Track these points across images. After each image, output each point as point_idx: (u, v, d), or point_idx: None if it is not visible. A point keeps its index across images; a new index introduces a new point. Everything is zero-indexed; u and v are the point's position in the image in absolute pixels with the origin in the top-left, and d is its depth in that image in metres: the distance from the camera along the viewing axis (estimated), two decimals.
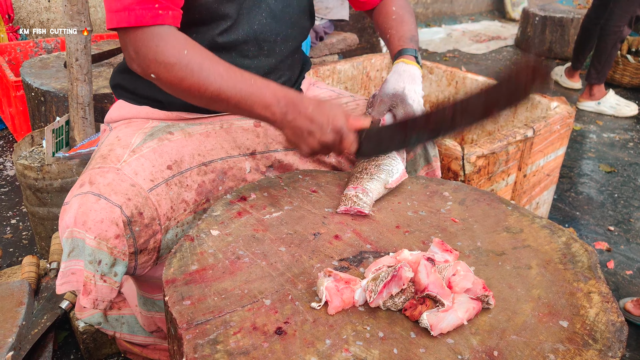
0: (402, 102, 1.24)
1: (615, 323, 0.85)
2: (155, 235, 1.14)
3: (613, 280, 2.08)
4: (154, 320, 1.38)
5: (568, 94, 4.17)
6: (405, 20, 1.42)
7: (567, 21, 4.93)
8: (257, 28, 1.27)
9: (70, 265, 1.07)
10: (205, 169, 1.26)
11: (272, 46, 1.32)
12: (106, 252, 1.06)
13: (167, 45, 1.05)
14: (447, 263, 0.91)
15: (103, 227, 1.04)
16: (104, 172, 1.10)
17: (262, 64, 1.32)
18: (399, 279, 0.84)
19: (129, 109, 1.33)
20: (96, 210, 1.04)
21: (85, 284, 1.07)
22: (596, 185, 2.83)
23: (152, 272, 1.21)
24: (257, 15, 1.26)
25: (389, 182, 1.15)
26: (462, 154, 1.62)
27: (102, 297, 1.10)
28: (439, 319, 0.81)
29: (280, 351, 0.78)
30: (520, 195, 1.94)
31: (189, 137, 1.27)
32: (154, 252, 1.16)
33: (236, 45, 1.26)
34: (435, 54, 5.08)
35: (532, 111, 2.11)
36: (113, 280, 1.09)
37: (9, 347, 1.09)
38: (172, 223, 1.18)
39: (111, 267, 1.08)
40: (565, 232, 1.09)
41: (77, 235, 1.05)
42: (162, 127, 1.27)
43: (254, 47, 1.29)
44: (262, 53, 1.31)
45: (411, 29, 1.40)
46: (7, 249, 2.12)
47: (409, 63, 1.30)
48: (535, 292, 0.92)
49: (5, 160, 2.82)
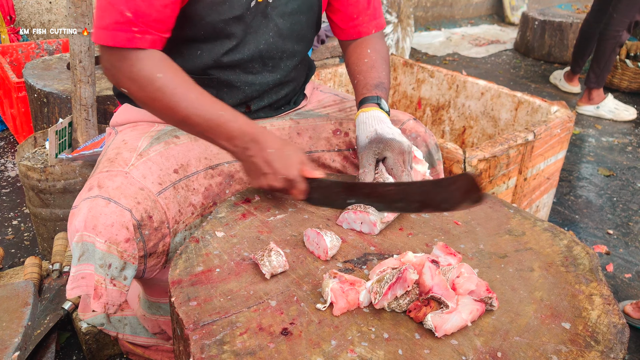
0: (382, 143, 1.17)
1: (617, 325, 0.86)
2: (164, 238, 1.14)
3: (612, 283, 2.09)
4: (158, 323, 1.39)
5: (567, 98, 4.19)
6: (376, 65, 1.34)
7: (566, 25, 4.95)
8: (263, 47, 1.27)
9: (81, 270, 1.07)
10: (212, 172, 1.27)
11: (277, 62, 1.32)
12: (116, 255, 1.06)
13: (142, 66, 1.07)
14: (450, 266, 0.92)
15: (113, 231, 1.04)
16: (112, 175, 1.11)
17: (266, 80, 1.32)
18: (403, 280, 0.85)
19: (135, 113, 1.33)
20: (106, 214, 1.04)
21: (96, 288, 1.07)
22: (595, 189, 2.85)
23: (160, 275, 1.21)
24: (264, 35, 1.26)
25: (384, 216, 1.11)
26: (464, 157, 1.63)
27: (112, 301, 1.10)
28: (443, 320, 0.82)
29: (287, 352, 0.78)
30: (520, 198, 1.95)
31: (195, 140, 1.28)
32: (163, 255, 1.16)
33: (240, 64, 1.27)
34: (435, 58, 5.10)
35: (532, 115, 2.12)
36: (122, 284, 1.10)
37: (15, 347, 1.09)
38: (181, 226, 1.19)
39: (121, 270, 1.08)
40: (567, 235, 1.10)
41: (87, 239, 1.05)
42: (168, 131, 1.28)
43: (258, 64, 1.29)
44: (266, 69, 1.31)
45: (380, 75, 1.32)
46: (8, 250, 2.12)
47: (368, 110, 1.23)
48: (538, 294, 0.93)
49: (6, 162, 2.83)
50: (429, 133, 1.43)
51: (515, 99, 2.17)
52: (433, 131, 2.54)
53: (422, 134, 1.41)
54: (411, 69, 2.52)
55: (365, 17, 1.40)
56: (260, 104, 1.36)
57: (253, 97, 1.33)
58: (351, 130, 1.42)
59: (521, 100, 2.15)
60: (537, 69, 4.91)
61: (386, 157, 1.16)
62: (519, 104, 2.16)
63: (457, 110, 2.41)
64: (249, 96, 1.32)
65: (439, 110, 2.49)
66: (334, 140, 1.41)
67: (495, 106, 2.26)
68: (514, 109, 2.19)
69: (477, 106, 2.32)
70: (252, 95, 1.32)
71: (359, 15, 1.39)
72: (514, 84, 4.46)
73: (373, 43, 1.40)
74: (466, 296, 0.87)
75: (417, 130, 1.40)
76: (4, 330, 1.15)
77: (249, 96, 1.32)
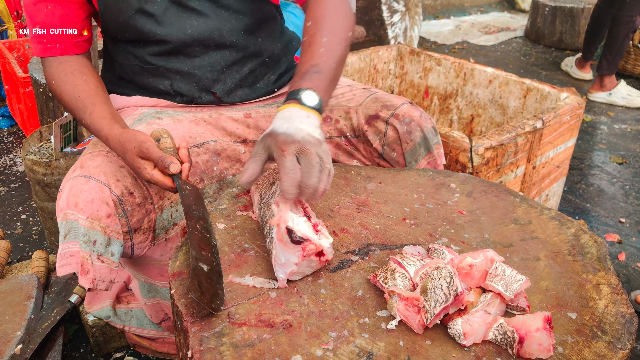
0: (271, 136, 0.94)
1: (625, 315, 0.84)
2: (149, 214, 1.16)
3: (624, 272, 2.06)
4: (161, 307, 1.39)
5: (579, 85, 4.12)
6: (312, 42, 1.09)
7: (577, 11, 4.86)
8: (191, 32, 1.24)
9: (67, 247, 1.09)
10: (198, 150, 1.27)
11: (219, 41, 1.27)
12: (99, 231, 1.08)
13: (47, 73, 1.26)
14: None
15: (94, 206, 1.07)
16: (94, 155, 1.15)
17: (215, 58, 1.29)
18: (459, 302, 0.80)
19: (120, 100, 1.37)
20: (86, 191, 1.07)
21: (82, 264, 1.09)
22: (607, 177, 2.80)
23: (150, 252, 1.23)
24: (185, 21, 1.24)
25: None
26: (470, 146, 1.60)
27: (101, 277, 1.11)
28: (474, 330, 0.79)
29: (286, 343, 0.77)
30: (529, 187, 1.92)
31: (178, 122, 1.30)
32: (149, 231, 1.18)
33: (176, 51, 1.27)
34: (444, 46, 5.04)
35: (541, 102, 2.09)
36: (110, 260, 1.12)
37: (18, 341, 1.10)
38: (166, 203, 1.20)
39: (106, 246, 1.10)
40: (575, 224, 1.07)
41: (70, 217, 1.07)
42: (151, 113, 1.31)
43: (198, 47, 1.27)
44: (210, 50, 1.28)
45: (314, 55, 1.06)
46: (17, 243, 2.14)
47: (284, 108, 0.99)
48: (544, 283, 0.91)
49: (15, 156, 2.84)
50: (425, 116, 1.34)
51: (524, 86, 2.13)
52: (441, 120, 2.51)
53: (417, 119, 1.33)
54: (418, 57, 2.49)
55: None
56: (224, 87, 1.33)
57: (211, 79, 1.31)
58: (342, 118, 1.39)
59: (530, 88, 2.11)
60: (548, 56, 4.84)
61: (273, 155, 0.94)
62: (528, 91, 2.12)
63: (465, 99, 2.38)
64: (206, 79, 1.30)
65: (446, 99, 2.46)
66: (324, 128, 1.39)
67: (504, 94, 2.22)
68: (523, 96, 2.15)
69: (485, 94, 2.29)
70: (208, 77, 1.30)
71: None
72: (525, 71, 4.40)
73: (316, 8, 1.15)
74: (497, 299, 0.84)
75: (411, 115, 1.33)
76: (7, 324, 1.15)
77: (205, 79, 1.30)
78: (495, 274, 0.83)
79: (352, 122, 1.38)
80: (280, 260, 0.88)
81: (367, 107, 1.37)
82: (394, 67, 2.56)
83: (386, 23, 3.77)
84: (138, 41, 1.27)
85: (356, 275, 0.92)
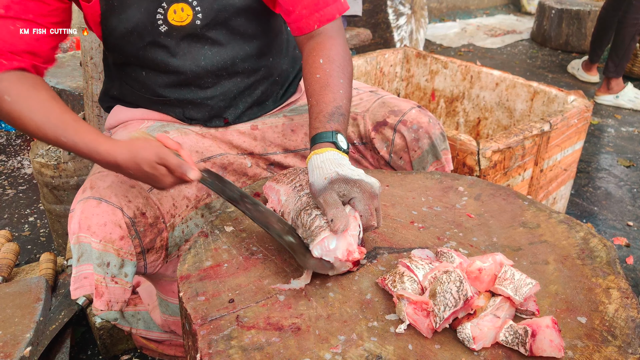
0: (348, 183, 0.94)
1: (635, 319, 0.83)
2: (161, 233, 1.15)
3: (632, 276, 2.05)
4: (168, 324, 1.39)
5: (585, 87, 4.11)
6: (330, 83, 1.10)
7: (584, 14, 4.85)
8: (204, 63, 1.23)
9: (81, 270, 1.09)
10: (204, 165, 1.26)
11: (231, 69, 1.27)
12: (113, 254, 1.07)
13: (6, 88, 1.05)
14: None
15: (107, 230, 1.06)
16: (104, 175, 1.13)
17: (228, 88, 1.29)
18: (469, 307, 0.80)
19: (125, 113, 1.35)
20: (98, 214, 1.06)
21: (96, 287, 1.09)
22: (615, 180, 2.79)
23: (163, 270, 1.22)
24: (198, 52, 1.22)
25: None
26: (478, 149, 1.60)
27: (115, 299, 1.11)
28: (483, 334, 0.78)
29: (295, 347, 0.77)
30: (536, 190, 1.92)
31: (185, 135, 1.28)
32: (162, 250, 1.17)
33: (188, 83, 1.26)
34: (450, 49, 5.04)
35: (548, 105, 2.08)
36: (124, 281, 1.11)
37: (27, 343, 1.10)
38: (177, 220, 1.19)
39: (120, 268, 1.09)
40: (584, 227, 1.07)
41: (83, 240, 1.07)
42: (157, 127, 1.29)
43: (210, 77, 1.26)
44: (222, 79, 1.28)
45: (336, 97, 1.08)
46: (25, 246, 2.15)
47: (323, 152, 0.99)
48: (553, 287, 0.91)
49: (23, 159, 2.86)
50: (434, 122, 1.32)
51: (531, 89, 2.13)
52: (447, 123, 2.51)
53: (425, 125, 1.30)
54: (424, 60, 2.49)
55: (303, 10, 1.17)
56: (236, 112, 1.33)
57: (223, 107, 1.31)
58: (349, 124, 1.36)
59: (537, 90, 2.11)
60: (555, 59, 4.82)
61: (353, 199, 0.94)
62: (535, 94, 2.12)
63: (472, 102, 2.38)
64: (218, 107, 1.30)
65: (453, 102, 2.46)
66: None
67: (511, 97, 2.21)
68: (530, 99, 2.14)
69: (492, 97, 2.29)
70: (220, 106, 1.30)
71: (294, 8, 1.17)
72: (531, 74, 4.39)
73: (326, 47, 1.15)
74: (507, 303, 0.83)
75: (419, 121, 1.30)
76: (16, 326, 1.16)
77: (217, 108, 1.30)
78: (504, 277, 0.83)
79: (360, 129, 1.37)
80: (330, 246, 0.90)
81: (374, 113, 1.35)
82: (401, 70, 2.56)
83: (392, 26, 3.77)
84: (148, 68, 1.25)
85: (364, 279, 0.92)
